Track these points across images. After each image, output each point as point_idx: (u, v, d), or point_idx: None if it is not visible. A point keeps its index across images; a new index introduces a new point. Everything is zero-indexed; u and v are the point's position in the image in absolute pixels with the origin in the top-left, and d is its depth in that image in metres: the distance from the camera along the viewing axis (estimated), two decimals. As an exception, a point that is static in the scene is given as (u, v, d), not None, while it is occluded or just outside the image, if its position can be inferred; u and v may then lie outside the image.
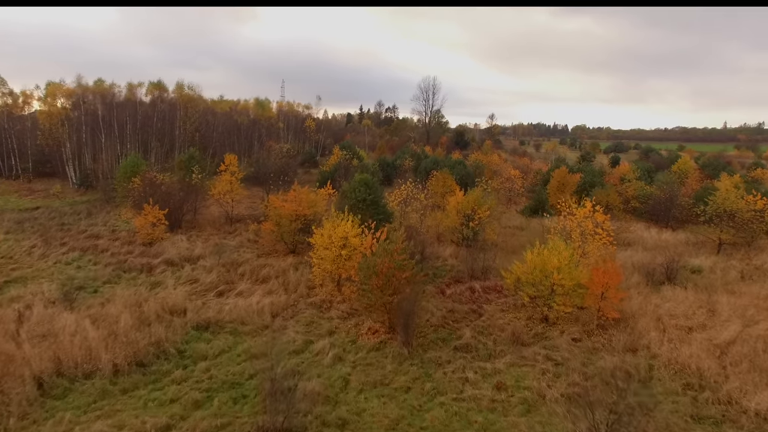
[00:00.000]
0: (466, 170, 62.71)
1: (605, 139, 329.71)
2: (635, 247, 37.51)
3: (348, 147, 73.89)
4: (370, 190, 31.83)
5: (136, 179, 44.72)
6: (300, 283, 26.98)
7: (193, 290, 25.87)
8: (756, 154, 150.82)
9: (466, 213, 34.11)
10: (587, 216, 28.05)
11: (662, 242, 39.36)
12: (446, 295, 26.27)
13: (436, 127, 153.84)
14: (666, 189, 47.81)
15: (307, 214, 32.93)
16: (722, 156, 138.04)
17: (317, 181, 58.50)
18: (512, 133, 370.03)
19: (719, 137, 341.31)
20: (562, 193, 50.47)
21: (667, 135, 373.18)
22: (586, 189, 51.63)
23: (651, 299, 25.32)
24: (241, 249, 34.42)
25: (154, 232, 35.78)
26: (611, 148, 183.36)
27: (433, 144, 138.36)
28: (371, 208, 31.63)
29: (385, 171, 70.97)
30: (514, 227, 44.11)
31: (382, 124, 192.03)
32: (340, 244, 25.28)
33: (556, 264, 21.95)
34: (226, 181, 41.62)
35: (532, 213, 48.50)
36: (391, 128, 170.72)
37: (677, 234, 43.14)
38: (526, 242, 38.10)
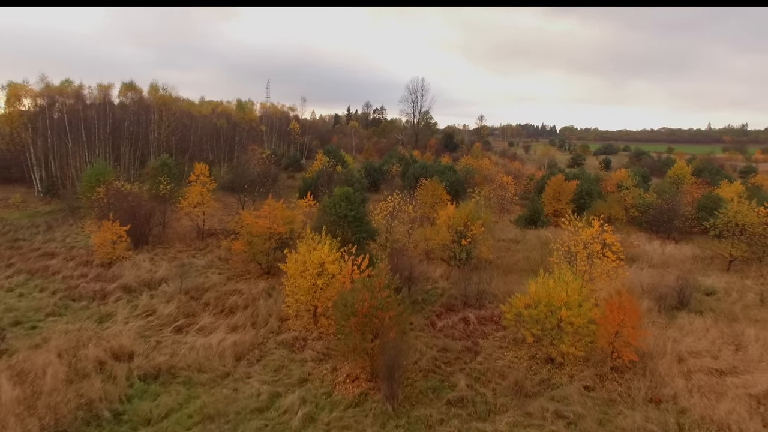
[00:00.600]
0: (457, 177, 59.83)
1: (593, 140, 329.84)
2: (640, 263, 34.75)
3: (332, 152, 70.66)
4: (352, 205, 28.67)
5: (100, 189, 41.23)
6: (271, 315, 23.73)
7: (147, 325, 22.52)
8: (745, 156, 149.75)
9: (457, 229, 31.09)
10: (595, 237, 25.10)
11: (668, 257, 36.65)
12: (437, 329, 23.19)
13: (424, 129, 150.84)
14: (668, 199, 45.21)
15: (282, 233, 29.70)
16: (713, 159, 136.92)
17: (298, 189, 55.21)
18: (500, 134, 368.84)
19: (705, 138, 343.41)
20: (558, 202, 47.80)
21: (654, 136, 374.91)
22: (582, 197, 49.00)
23: (667, 332, 22.48)
24: (210, 270, 31.07)
25: (114, 250, 32.31)
26: (601, 150, 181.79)
27: (422, 146, 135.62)
28: (353, 225, 28.49)
29: (371, 177, 67.97)
30: (508, 240, 41.20)
31: (371, 125, 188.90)
32: (316, 271, 22.10)
33: (564, 298, 18.97)
34: (196, 193, 38.19)
35: (527, 224, 45.68)
36: (378, 130, 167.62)
37: (681, 247, 40.52)
38: (522, 259, 35.30)
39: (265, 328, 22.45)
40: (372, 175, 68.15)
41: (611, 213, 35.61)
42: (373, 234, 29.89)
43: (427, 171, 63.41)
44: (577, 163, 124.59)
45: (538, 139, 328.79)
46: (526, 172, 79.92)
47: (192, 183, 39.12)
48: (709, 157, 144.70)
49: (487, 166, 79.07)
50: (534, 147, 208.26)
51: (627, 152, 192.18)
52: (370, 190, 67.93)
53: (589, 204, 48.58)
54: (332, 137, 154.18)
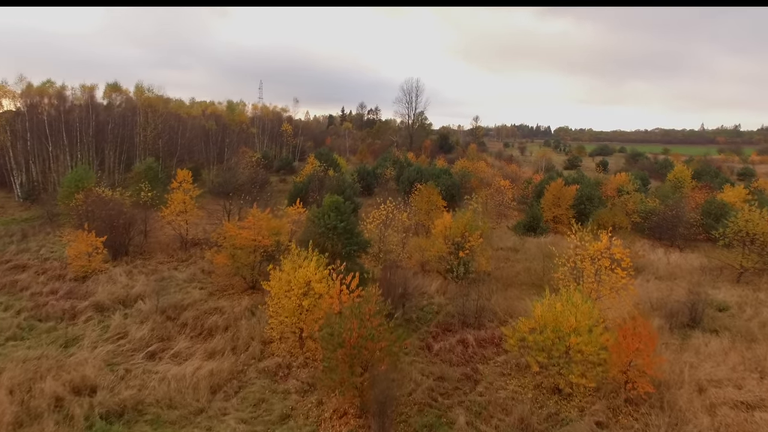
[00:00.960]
0: (452, 181, 58.12)
1: (588, 140, 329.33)
2: (646, 274, 33.07)
3: (324, 155, 68.78)
4: (342, 215, 26.79)
5: (79, 195, 39.26)
6: (253, 338, 21.85)
7: (117, 350, 20.58)
8: (741, 158, 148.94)
9: (454, 240, 29.29)
10: (603, 252, 23.33)
11: (674, 267, 35.01)
12: (433, 352, 21.36)
13: (419, 130, 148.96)
14: (671, 205, 43.61)
15: (268, 245, 27.80)
16: (710, 160, 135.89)
17: (288, 195, 53.29)
18: (495, 135, 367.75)
19: (699, 139, 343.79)
20: (557, 208, 46.13)
21: (648, 137, 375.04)
22: (582, 203, 47.36)
23: (683, 355, 20.77)
24: (191, 285, 29.12)
25: (89, 263, 30.34)
26: (597, 151, 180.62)
27: (417, 148, 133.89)
28: (343, 237, 26.64)
29: (364, 180, 66.14)
30: (507, 249, 39.45)
31: (365, 126, 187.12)
32: (302, 291, 20.24)
33: (573, 324, 17.20)
34: (178, 201, 36.21)
35: (526, 231, 43.96)
36: (373, 131, 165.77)
37: (686, 256, 38.91)
38: (522, 270, 33.54)
39: (246, 354, 20.56)
40: (365, 179, 66.36)
41: (615, 221, 33.98)
42: (364, 246, 28.05)
43: (422, 175, 61.69)
44: (573, 165, 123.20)
45: (533, 140, 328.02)
46: (523, 176, 78.34)
47: (174, 190, 37.13)
48: (706, 158, 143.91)
49: (483, 169, 77.39)
50: (530, 148, 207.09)
51: (623, 153, 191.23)
52: (363, 194, 66.13)
53: (589, 209, 46.97)
54: (326, 138, 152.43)
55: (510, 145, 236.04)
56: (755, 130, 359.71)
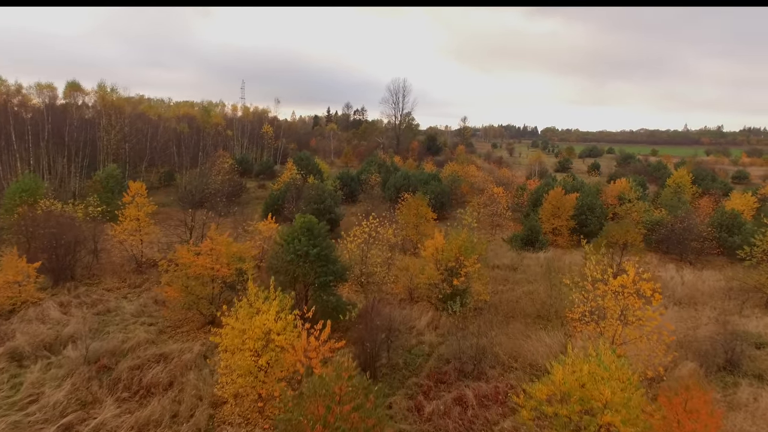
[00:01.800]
0: (442, 188, 54.19)
1: (575, 141, 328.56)
2: (663, 298, 29.34)
3: (305, 159, 64.37)
4: (316, 239, 22.57)
5: (23, 209, 34.68)
6: (202, 398, 17.55)
7: (22, 422, 16.14)
8: (731, 159, 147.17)
9: (447, 265, 25.21)
10: (631, 288, 19.27)
11: (692, 289, 31.29)
12: (425, 416, 17.22)
13: (406, 131, 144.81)
14: (682, 216, 40.01)
15: (227, 275, 23.49)
16: (700, 162, 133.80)
17: (263, 205, 48.89)
18: (483, 135, 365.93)
19: (684, 140, 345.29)
20: (556, 219, 42.33)
21: (634, 137, 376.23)
22: (584, 213, 43.62)
23: (734, 418, 16.89)
24: (140, 319, 24.67)
25: (19, 293, 25.79)
26: (586, 152, 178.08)
27: (404, 149, 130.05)
28: (317, 265, 22.43)
29: (348, 187, 61.95)
30: (504, 267, 35.48)
31: (351, 126, 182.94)
32: (260, 345, 16.01)
33: (606, 396, 13.19)
34: (131, 218, 31.69)
35: (524, 244, 40.06)
36: (359, 132, 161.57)
37: (701, 274, 35.27)
38: (524, 295, 29.52)
39: (190, 423, 16.26)
40: (349, 185, 62.17)
41: (627, 238, 30.22)
42: (342, 274, 23.83)
43: (410, 181, 57.72)
44: (564, 168, 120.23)
45: (521, 140, 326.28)
46: (515, 180, 74.66)
47: (127, 205, 32.54)
48: (695, 160, 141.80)
49: (473, 173, 73.64)
50: (518, 149, 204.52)
51: (612, 154, 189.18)
52: (346, 201, 61.96)
53: (591, 220, 43.28)
54: (311, 140, 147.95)
55: (498, 145, 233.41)
56: (738, 131, 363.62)
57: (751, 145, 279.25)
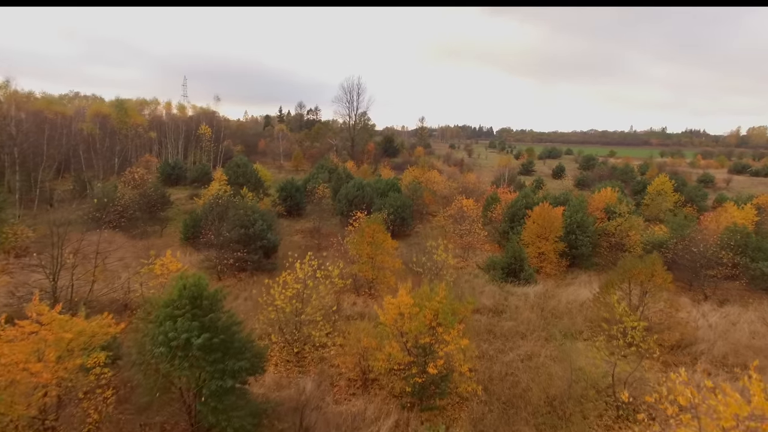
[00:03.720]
0: (403, 200, 45.81)
1: (530, 141, 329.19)
2: (692, 352, 22.08)
3: (241, 166, 54.66)
4: (205, 317, 13.60)
5: None
6: None
7: None
8: (691, 163, 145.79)
9: (419, 342, 16.67)
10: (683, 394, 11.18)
11: (728, 339, 24.00)
12: None
13: (361, 132, 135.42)
14: (692, 238, 33.06)
15: (63, 379, 14.15)
16: (665, 164, 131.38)
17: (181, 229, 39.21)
18: (440, 136, 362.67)
19: (634, 140, 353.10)
20: (543, 241, 34.66)
21: (587, 138, 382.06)
22: (573, 232, 36.19)
23: None
24: None
25: None
26: (545, 153, 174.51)
27: (359, 151, 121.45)
28: (208, 360, 13.45)
29: (292, 199, 52.80)
30: (486, 311, 27.30)
31: (304, 127, 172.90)
32: None
33: None
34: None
35: (507, 275, 32.14)
36: (312, 133, 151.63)
37: (727, 312, 28.27)
38: (518, 359, 21.43)
39: None
40: (293, 197, 53.00)
41: (654, 279, 22.52)
42: (255, 367, 14.88)
43: (364, 191, 49.15)
44: (527, 170, 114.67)
45: (478, 141, 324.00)
46: (482, 187, 67.24)
47: None
48: (657, 162, 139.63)
49: (436, 179, 65.66)
50: (477, 150, 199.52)
51: (570, 155, 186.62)
52: (291, 215, 52.86)
53: (581, 241, 35.89)
54: (260, 141, 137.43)
55: (455, 146, 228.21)
56: (680, 132, 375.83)
57: (695, 146, 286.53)
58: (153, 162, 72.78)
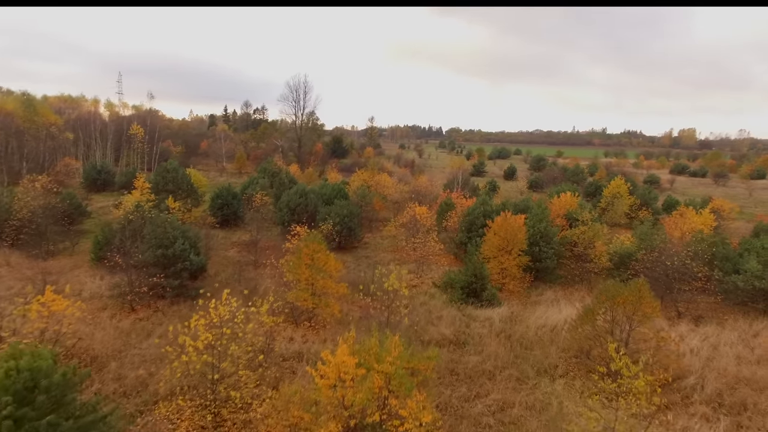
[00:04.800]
0: (350, 208, 41.60)
1: (479, 141, 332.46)
2: (684, 392, 19.11)
3: (171, 171, 48.86)
4: (48, 428, 9.01)
5: None
6: None
7: None
8: (635, 164, 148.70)
9: (365, 420, 12.54)
10: None
11: (718, 369, 21.27)
12: None
13: (309, 132, 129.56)
14: (664, 249, 30.54)
15: None
16: (610, 165, 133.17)
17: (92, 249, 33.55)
18: (390, 136, 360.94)
19: (578, 141, 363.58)
20: (506, 255, 31.33)
21: (534, 138, 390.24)
22: (537, 243, 33.11)
23: None
24: None
25: None
26: (495, 153, 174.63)
27: (307, 152, 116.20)
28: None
29: (228, 207, 47.60)
30: (446, 342, 23.47)
31: (251, 127, 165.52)
32: None
33: None
34: None
35: (467, 296, 28.55)
36: (258, 133, 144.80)
37: (707, 333, 25.73)
38: (497, 422, 17.71)
39: None
40: (229, 205, 47.78)
41: (641, 307, 19.22)
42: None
43: (308, 199, 44.63)
44: (479, 171, 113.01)
45: (428, 141, 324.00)
46: (435, 190, 63.91)
47: None
48: (599, 162, 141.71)
49: (386, 183, 61.86)
50: (427, 150, 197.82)
51: (519, 155, 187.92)
52: (227, 225, 47.66)
53: (545, 253, 32.84)
54: (202, 142, 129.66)
55: (405, 146, 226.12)
56: (620, 132, 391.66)
57: (633, 146, 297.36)
58: (74, 166, 65.34)
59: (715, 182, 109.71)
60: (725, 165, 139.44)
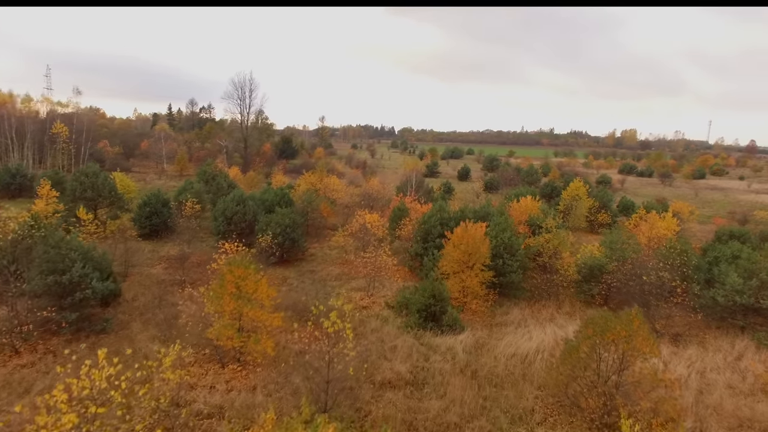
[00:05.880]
0: (292, 217, 37.25)
1: (431, 141, 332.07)
2: None
3: (90, 176, 42.84)
4: None
5: None
6: None
7: None
8: (585, 164, 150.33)
9: None
10: None
11: (711, 405, 18.43)
12: None
13: (255, 132, 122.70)
14: (639, 264, 27.89)
15: None
16: (562, 164, 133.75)
17: None
18: (342, 136, 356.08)
19: (526, 140, 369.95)
20: (467, 272, 27.91)
21: (485, 138, 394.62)
22: (501, 255, 29.87)
23: None
24: None
25: None
26: (448, 153, 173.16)
27: (254, 153, 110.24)
28: None
29: (158, 216, 42.25)
30: (401, 382, 19.68)
31: (198, 126, 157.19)
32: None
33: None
34: None
35: (424, 321, 24.88)
36: (202, 133, 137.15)
37: (688, 355, 23.13)
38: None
39: None
40: (159, 214, 42.38)
41: (633, 342, 16.11)
42: None
43: (246, 206, 39.96)
44: (432, 172, 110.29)
45: (380, 141, 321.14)
46: (387, 194, 60.25)
47: None
48: (550, 161, 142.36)
49: (335, 186, 57.69)
50: (379, 150, 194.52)
51: (471, 155, 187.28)
52: (157, 236, 42.26)
53: (510, 266, 29.64)
54: (142, 143, 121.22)
55: (358, 146, 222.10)
56: (567, 132, 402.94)
57: (580, 146, 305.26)
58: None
59: (662, 182, 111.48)
60: (668, 165, 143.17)
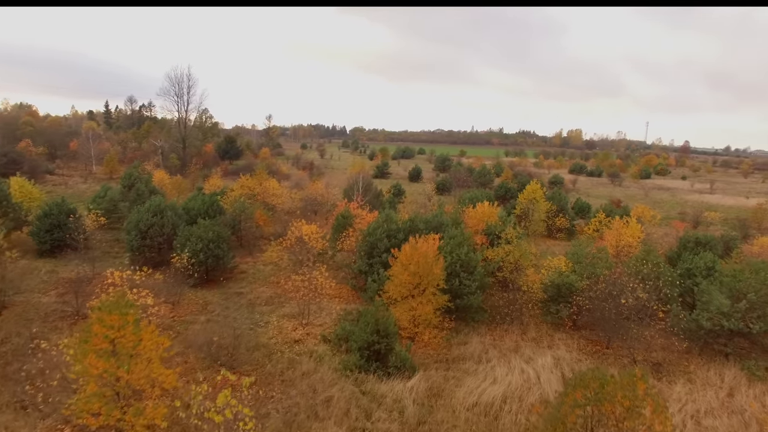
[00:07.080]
0: (217, 231, 32.02)
1: (382, 140, 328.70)
2: None
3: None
4: None
5: None
6: None
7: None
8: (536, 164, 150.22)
9: None
10: None
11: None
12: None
13: (195, 131, 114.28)
14: (612, 283, 24.44)
15: None
16: (513, 164, 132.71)
17: None
18: (292, 135, 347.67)
19: (476, 140, 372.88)
20: (418, 298, 23.69)
21: (436, 137, 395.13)
22: (457, 275, 25.82)
23: None
24: None
25: None
26: (399, 153, 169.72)
27: (193, 154, 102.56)
28: None
29: (61, 230, 36.00)
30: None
31: (136, 124, 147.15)
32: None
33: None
34: None
35: (367, 362, 20.40)
36: (140, 132, 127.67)
37: (677, 392, 19.80)
38: None
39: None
40: (62, 227, 36.06)
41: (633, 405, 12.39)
42: None
43: (165, 217, 34.38)
44: (383, 173, 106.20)
45: (331, 140, 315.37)
46: (332, 198, 55.53)
47: None
48: (502, 161, 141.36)
49: (274, 190, 52.35)
50: (329, 150, 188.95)
51: (423, 155, 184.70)
52: (57, 253, 35.91)
53: (468, 287, 25.63)
54: (71, 142, 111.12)
55: (308, 146, 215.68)
56: (516, 132, 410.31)
57: (529, 146, 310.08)
58: None
59: (611, 182, 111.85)
60: (616, 165, 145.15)
